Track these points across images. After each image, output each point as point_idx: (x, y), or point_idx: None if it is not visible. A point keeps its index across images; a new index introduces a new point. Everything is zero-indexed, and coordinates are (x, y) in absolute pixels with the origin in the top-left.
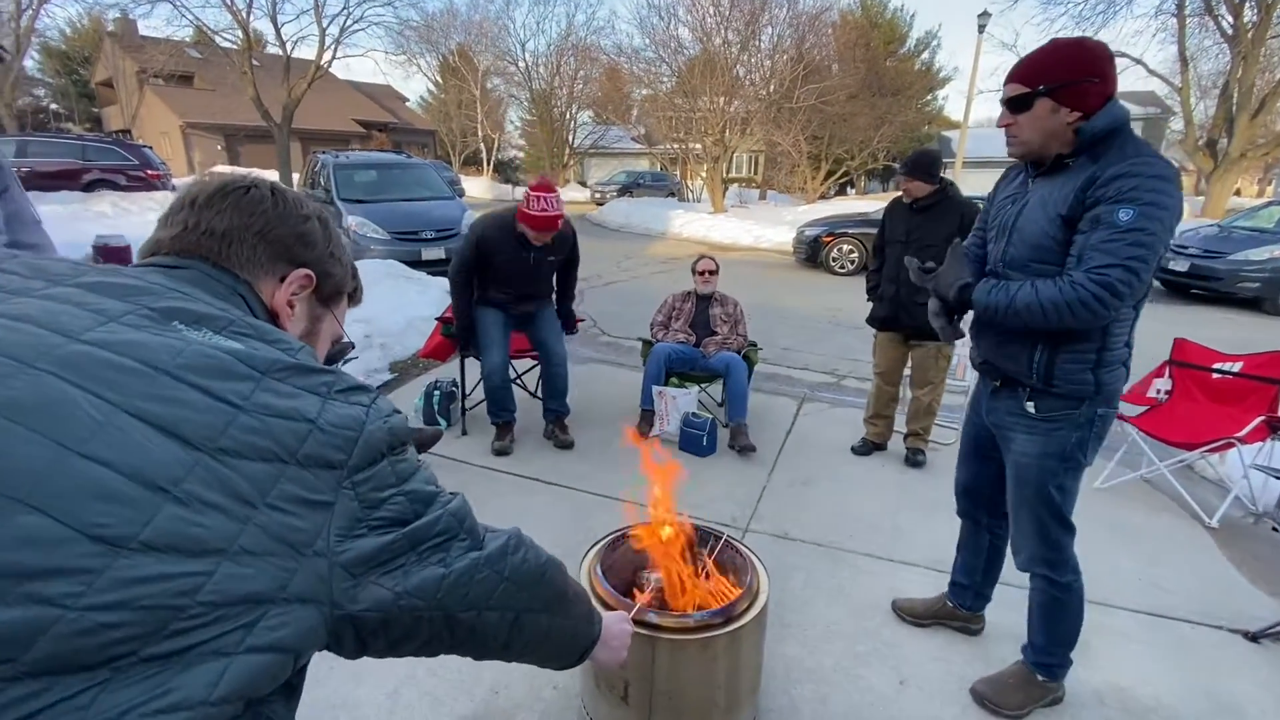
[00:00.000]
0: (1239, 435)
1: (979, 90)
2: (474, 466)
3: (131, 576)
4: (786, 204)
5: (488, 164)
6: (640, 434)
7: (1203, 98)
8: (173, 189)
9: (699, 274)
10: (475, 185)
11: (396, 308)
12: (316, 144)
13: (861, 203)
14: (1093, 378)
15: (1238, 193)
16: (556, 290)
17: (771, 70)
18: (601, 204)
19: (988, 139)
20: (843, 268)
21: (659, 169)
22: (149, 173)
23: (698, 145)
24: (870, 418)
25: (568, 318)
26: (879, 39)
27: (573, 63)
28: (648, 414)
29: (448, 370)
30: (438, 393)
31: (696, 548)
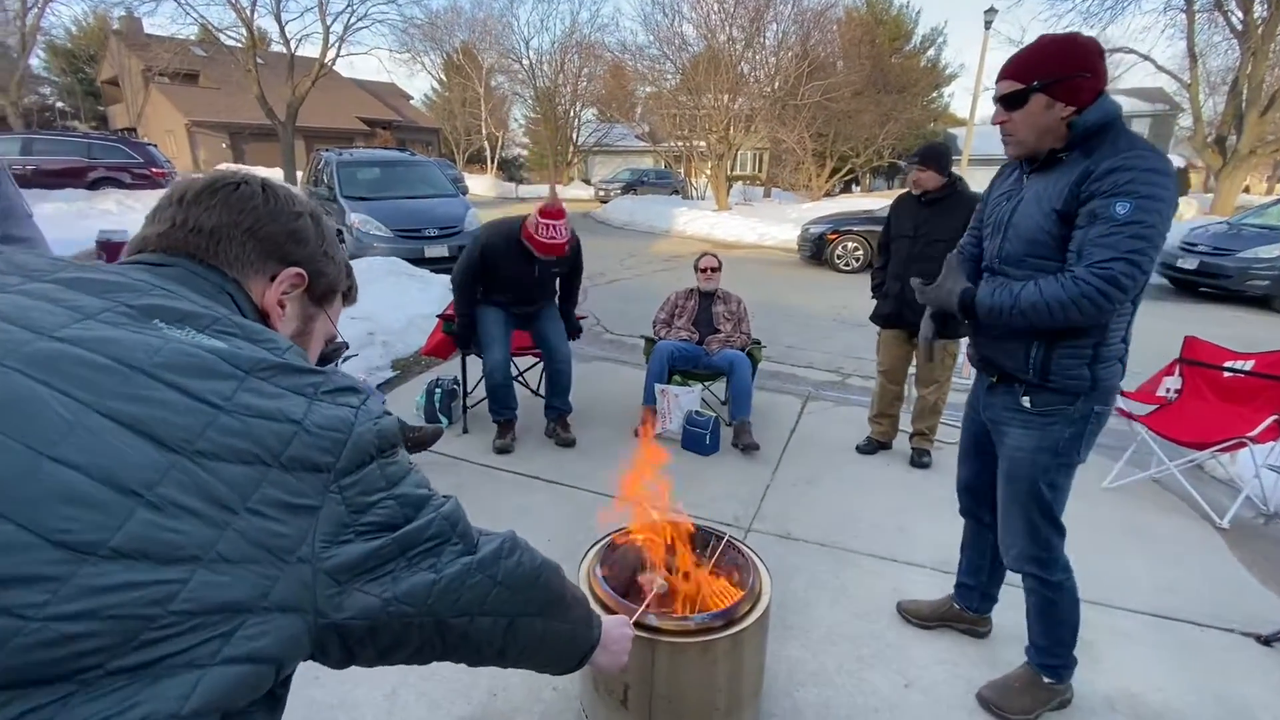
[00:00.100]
0: (1251, 435)
1: (985, 87)
2: (475, 465)
3: (99, 585)
4: (791, 201)
5: (492, 162)
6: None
7: (1212, 94)
8: None
9: (701, 271)
10: (479, 183)
11: (399, 305)
12: (321, 142)
13: (867, 200)
14: (1089, 373)
15: (1246, 190)
16: (559, 294)
17: (776, 67)
18: (605, 202)
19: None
20: (847, 265)
21: (663, 167)
22: (154, 171)
23: (702, 143)
24: (875, 416)
25: (570, 323)
26: (884, 35)
27: (577, 60)
28: (650, 412)
29: (449, 368)
30: (439, 390)
31: (697, 548)
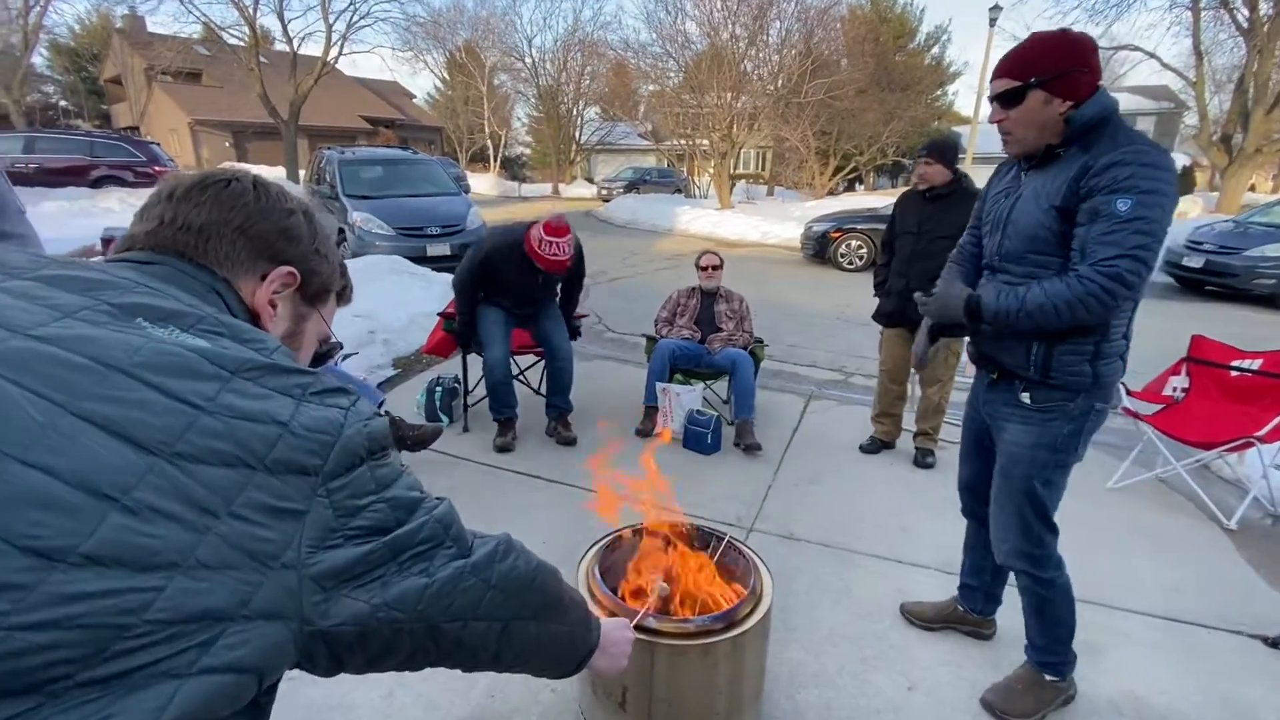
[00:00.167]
0: (1258, 434)
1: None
2: (475, 463)
3: (68, 593)
4: (794, 200)
5: (494, 160)
6: (643, 432)
7: (1217, 92)
8: None
9: (702, 269)
10: (482, 182)
11: (400, 303)
12: (323, 140)
13: (870, 198)
14: (1090, 369)
15: (1252, 188)
16: (560, 298)
17: (779, 65)
18: (608, 200)
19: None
20: (851, 264)
21: (666, 165)
22: (157, 169)
23: (705, 141)
24: (877, 416)
25: (569, 325)
26: (888, 33)
27: (579, 58)
28: (651, 411)
29: (450, 366)
30: (440, 389)
31: (697, 549)
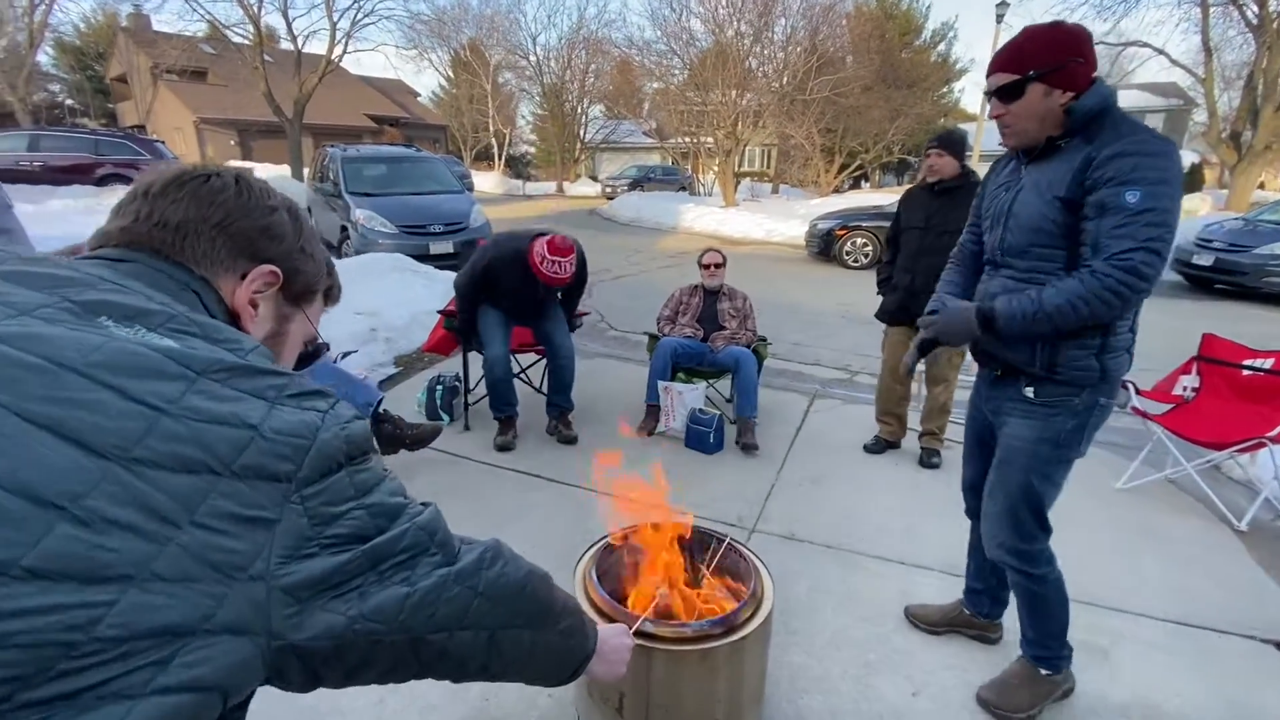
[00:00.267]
0: (1270, 435)
1: None
2: (476, 462)
3: (8, 609)
4: (799, 197)
5: (499, 159)
6: (644, 431)
7: (1226, 89)
8: None
9: (705, 267)
10: (487, 180)
11: (402, 301)
12: (328, 139)
13: (876, 196)
14: (1098, 364)
15: (1262, 185)
16: (561, 298)
17: (784, 62)
18: (612, 198)
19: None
20: (856, 261)
21: (670, 163)
22: None
23: (709, 139)
24: (881, 415)
25: (570, 324)
26: (894, 30)
27: (584, 56)
28: (653, 410)
29: (451, 365)
30: (440, 387)
31: (698, 551)
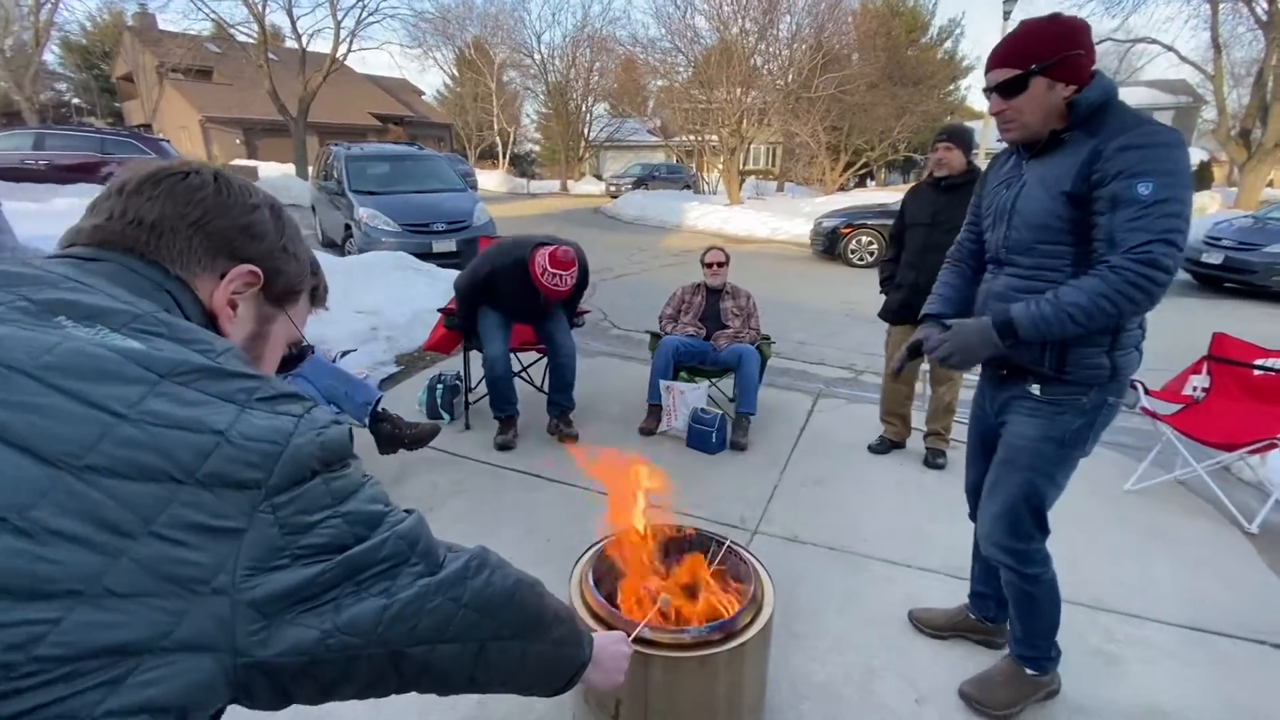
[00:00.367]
0: None
1: None
2: (476, 462)
3: None
4: (804, 196)
5: (503, 157)
6: (646, 430)
7: (1236, 86)
8: None
9: (707, 266)
10: (491, 179)
11: (404, 300)
12: (333, 137)
13: (881, 194)
14: (1108, 361)
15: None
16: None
17: (790, 60)
18: (616, 197)
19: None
20: (861, 260)
21: (675, 161)
22: None
23: (714, 137)
24: (885, 416)
25: (570, 321)
26: (900, 27)
27: (588, 54)
28: (655, 409)
29: (452, 364)
30: (441, 386)
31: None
